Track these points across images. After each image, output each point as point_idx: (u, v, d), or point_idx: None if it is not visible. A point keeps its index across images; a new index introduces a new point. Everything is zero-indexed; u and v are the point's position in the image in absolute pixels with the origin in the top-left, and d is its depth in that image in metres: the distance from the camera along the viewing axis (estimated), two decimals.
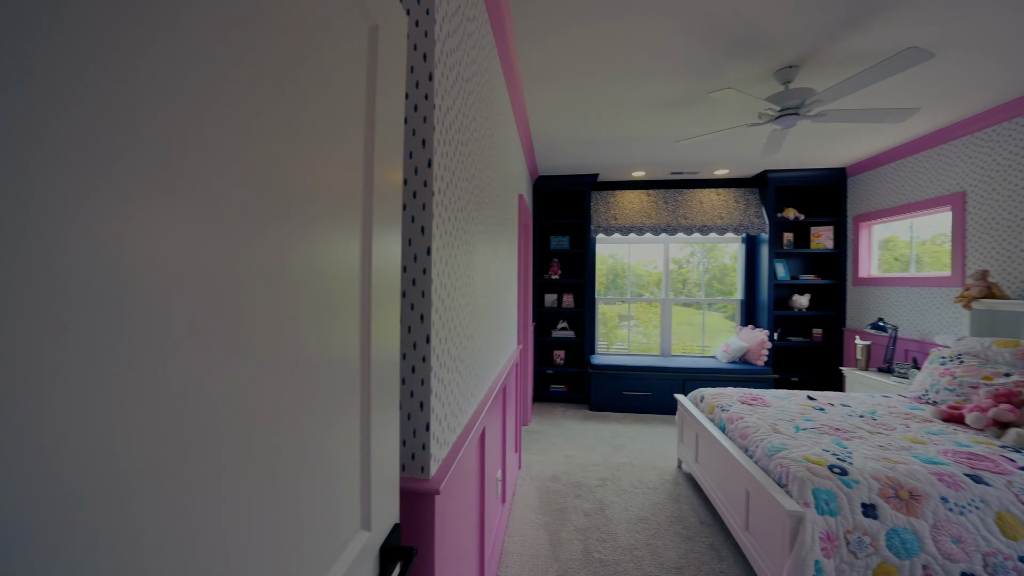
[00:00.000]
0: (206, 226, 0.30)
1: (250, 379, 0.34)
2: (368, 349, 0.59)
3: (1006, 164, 2.59)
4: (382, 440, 0.64)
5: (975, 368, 2.28)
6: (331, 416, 0.49)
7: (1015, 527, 1.44)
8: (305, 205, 0.43)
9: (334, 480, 0.49)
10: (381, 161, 0.62)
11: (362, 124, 0.58)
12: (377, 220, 0.61)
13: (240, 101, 0.33)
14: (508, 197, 2.31)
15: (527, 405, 3.61)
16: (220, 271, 0.31)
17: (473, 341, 1.34)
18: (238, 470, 0.33)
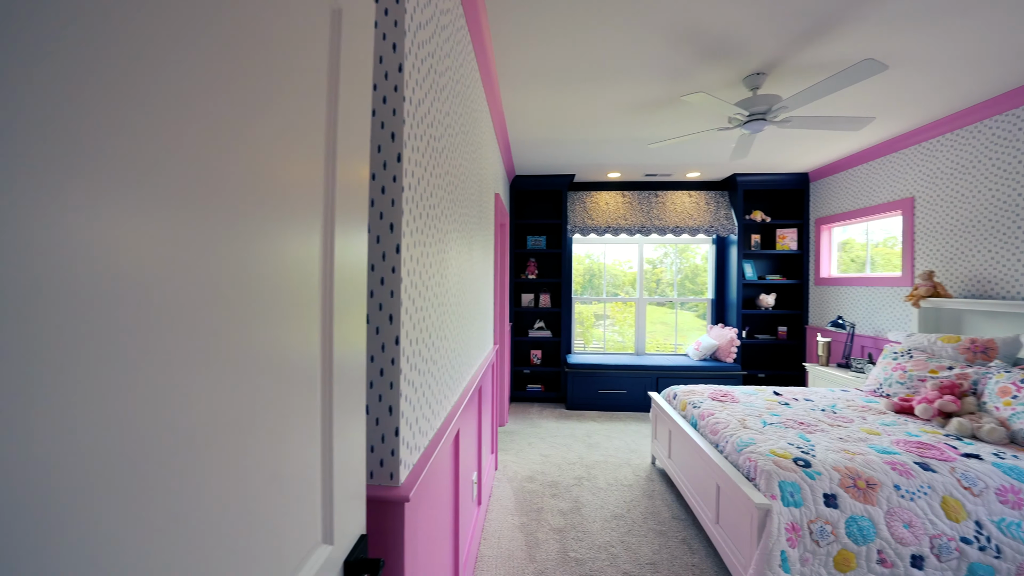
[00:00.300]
0: (137, 219, 0.26)
1: (183, 385, 0.31)
2: (330, 352, 0.56)
3: (950, 172, 2.78)
4: (346, 447, 0.61)
5: (923, 362, 2.43)
6: (285, 424, 0.45)
7: (957, 510, 1.53)
8: (255, 198, 0.40)
9: (288, 493, 0.46)
10: (346, 154, 0.58)
11: (323, 115, 0.54)
12: (341, 216, 0.58)
13: (183, 85, 0.30)
14: (484, 195, 2.28)
15: (504, 405, 3.60)
16: (150, 266, 0.28)
17: (447, 342, 1.31)
18: (167, 488, 0.30)
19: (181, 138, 0.30)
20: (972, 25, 1.78)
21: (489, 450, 2.52)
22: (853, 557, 1.49)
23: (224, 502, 0.35)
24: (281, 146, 0.44)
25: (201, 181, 0.33)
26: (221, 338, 0.35)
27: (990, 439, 1.86)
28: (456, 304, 1.48)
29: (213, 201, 0.34)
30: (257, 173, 0.40)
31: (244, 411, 0.38)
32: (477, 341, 2.04)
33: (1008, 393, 1.96)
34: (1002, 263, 2.48)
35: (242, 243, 0.38)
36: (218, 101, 0.34)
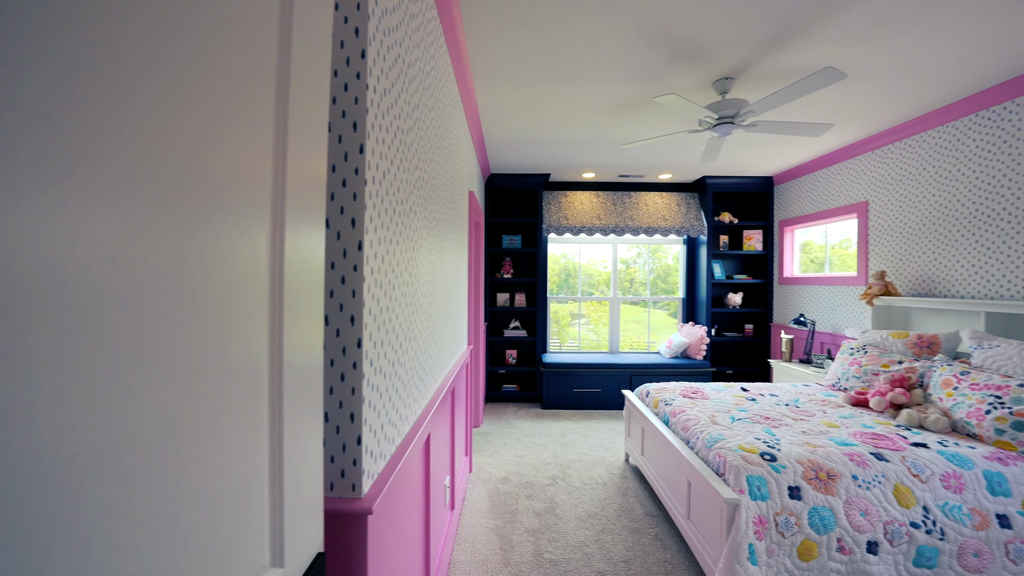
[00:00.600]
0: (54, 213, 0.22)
1: (95, 390, 0.26)
2: (280, 356, 0.51)
3: (900, 177, 2.95)
4: (300, 458, 0.56)
5: (876, 357, 2.57)
6: (223, 433, 0.40)
7: (907, 496, 1.61)
8: (189, 190, 0.35)
9: (225, 511, 0.41)
10: (299, 143, 0.54)
11: (271, 99, 0.49)
12: (293, 210, 0.53)
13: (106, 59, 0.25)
14: (458, 193, 2.24)
15: (479, 406, 3.56)
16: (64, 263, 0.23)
17: (416, 343, 1.26)
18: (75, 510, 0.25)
19: (100, 123, 0.26)
20: (920, 40, 1.88)
21: (463, 452, 2.48)
22: (815, 546, 1.54)
23: (137, 523, 0.30)
24: (221, 131, 0.39)
25: (126, 170, 0.28)
26: (144, 338, 0.30)
27: (935, 428, 1.98)
28: (427, 304, 1.43)
29: (139, 193, 0.29)
30: (191, 162, 0.35)
31: (169, 419, 0.33)
32: (450, 342, 2.00)
33: (950, 385, 2.09)
34: (945, 264, 2.65)
35: (168, 238, 0.33)
36: (147, 82, 0.29)
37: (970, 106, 2.48)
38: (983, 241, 2.46)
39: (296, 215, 0.54)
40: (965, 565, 1.57)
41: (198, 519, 0.37)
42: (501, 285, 4.51)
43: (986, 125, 2.45)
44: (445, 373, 1.85)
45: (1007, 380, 1.92)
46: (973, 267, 2.50)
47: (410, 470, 1.16)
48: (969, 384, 2.01)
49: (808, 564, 1.54)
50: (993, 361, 2.07)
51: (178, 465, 0.35)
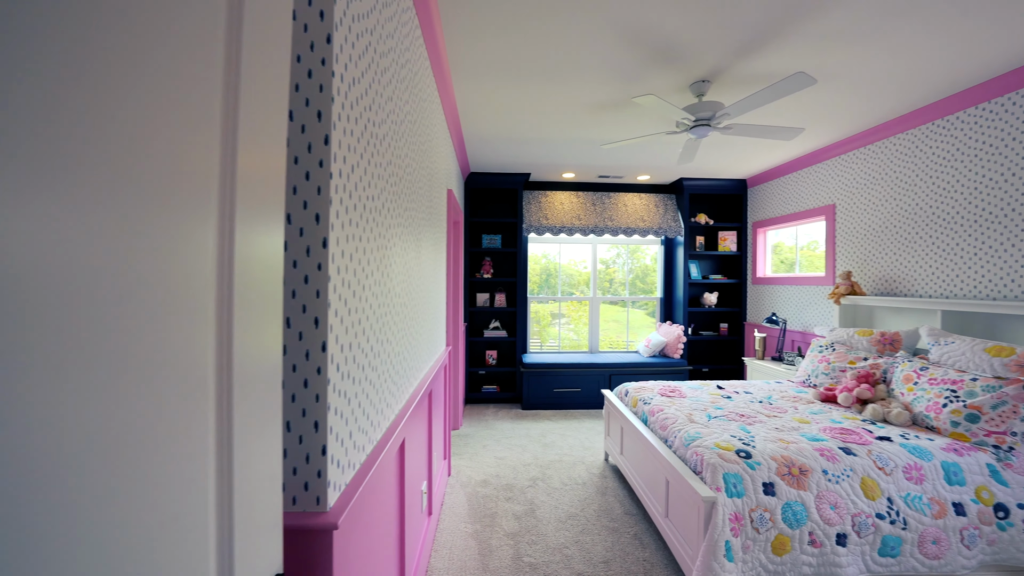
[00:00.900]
0: None
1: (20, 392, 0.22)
2: (228, 361, 0.47)
3: (865, 181, 3.07)
4: (253, 472, 0.51)
5: (843, 354, 2.66)
6: (156, 451, 0.36)
7: (873, 488, 1.67)
8: (121, 182, 0.30)
9: (159, 535, 0.36)
10: (251, 131, 0.49)
11: (219, 84, 0.45)
12: (244, 203, 0.49)
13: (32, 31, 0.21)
14: (435, 190, 2.19)
15: (458, 408, 3.51)
16: None
17: (389, 346, 1.22)
18: None
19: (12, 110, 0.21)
20: (885, 48, 1.96)
21: (441, 456, 2.43)
22: (788, 541, 1.58)
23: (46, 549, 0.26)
24: (156, 117, 0.35)
25: (51, 159, 0.23)
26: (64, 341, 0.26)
27: (897, 422, 2.06)
28: (401, 305, 1.39)
29: (60, 184, 0.25)
30: (121, 151, 0.31)
31: (90, 429, 0.29)
32: (427, 343, 1.95)
33: (911, 380, 2.18)
34: (905, 265, 2.78)
35: (94, 233, 0.29)
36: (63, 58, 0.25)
37: (927, 115, 2.60)
38: (939, 243, 2.58)
39: (249, 209, 0.49)
40: (925, 552, 1.63)
41: (124, 542, 0.33)
42: (481, 285, 4.47)
43: (941, 134, 2.57)
44: (421, 376, 1.80)
45: (961, 375, 2.02)
46: (930, 268, 2.63)
47: (383, 478, 1.12)
48: (928, 379, 2.10)
49: (781, 558, 1.57)
50: (949, 357, 2.17)
51: (97, 482, 0.30)
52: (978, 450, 1.80)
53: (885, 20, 1.75)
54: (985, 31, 1.83)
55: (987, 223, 2.36)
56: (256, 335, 0.51)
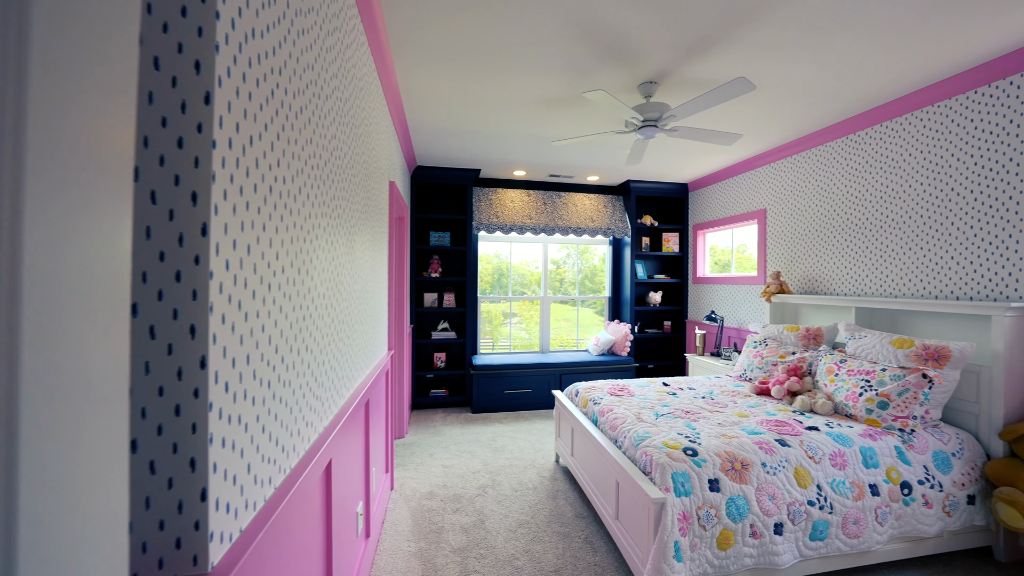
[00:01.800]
0: None
1: None
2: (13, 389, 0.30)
3: (792, 188, 3.31)
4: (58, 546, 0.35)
5: (775, 349, 2.84)
6: None
7: (804, 477, 1.75)
8: None
9: None
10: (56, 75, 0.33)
11: None
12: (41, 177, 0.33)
13: None
14: (374, 181, 2.00)
15: (403, 416, 3.30)
16: None
17: (310, 355, 1.04)
18: None
19: None
20: (814, 62, 2.08)
21: (383, 469, 2.24)
22: (732, 535, 1.60)
23: None
24: None
25: None
26: None
27: (822, 412, 2.21)
28: (327, 307, 1.21)
29: None
30: None
31: None
32: (364, 349, 1.77)
33: (832, 372, 2.35)
34: (825, 265, 3.03)
35: None
36: None
37: (843, 129, 2.85)
38: (852, 247, 2.83)
39: (52, 185, 0.33)
40: (847, 532, 1.73)
41: None
42: (429, 285, 4.28)
43: (854, 147, 2.82)
44: (356, 385, 1.61)
45: (873, 366, 2.20)
46: (846, 269, 2.88)
47: (301, 509, 0.94)
48: (846, 371, 2.28)
49: (726, 553, 1.59)
50: (862, 349, 2.37)
51: None
52: (888, 434, 1.96)
53: (815, 36, 1.85)
54: (893, 55, 2.01)
55: (890, 229, 2.61)
56: (65, 351, 0.34)
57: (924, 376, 2.01)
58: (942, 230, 2.37)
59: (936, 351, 2.06)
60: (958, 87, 2.25)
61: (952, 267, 2.32)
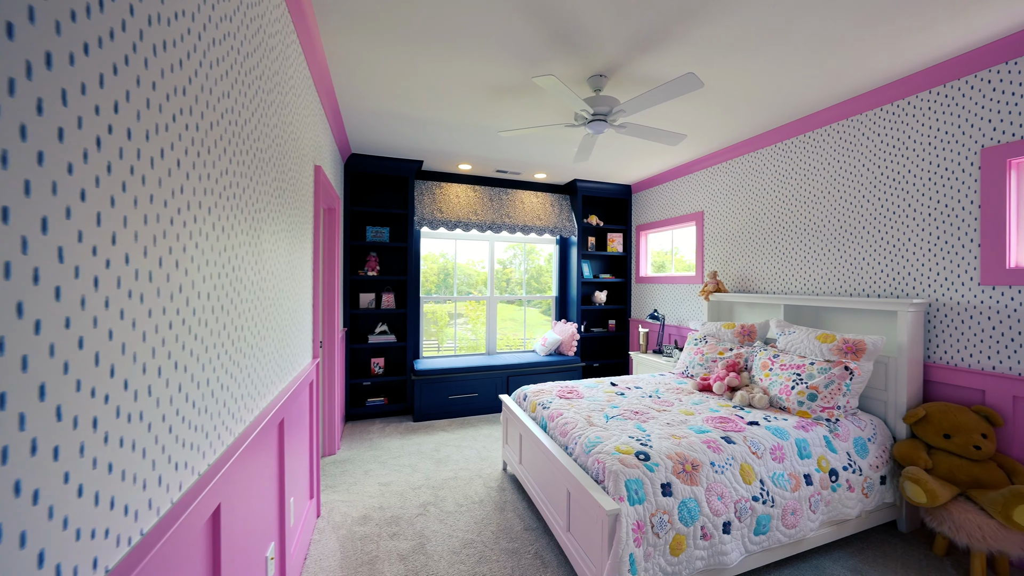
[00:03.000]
0: None
1: None
2: None
3: (726, 192, 3.47)
4: None
5: (714, 346, 2.93)
6: None
7: (749, 473, 1.77)
8: None
9: None
10: None
11: None
12: None
13: None
14: (293, 162, 1.71)
15: (334, 430, 2.96)
16: None
17: (184, 375, 0.79)
18: None
19: None
20: (755, 67, 2.14)
21: (306, 496, 1.94)
22: (684, 539, 1.56)
23: None
24: None
25: None
26: None
27: (760, 406, 2.29)
28: (218, 311, 0.95)
29: None
30: None
31: None
32: (275, 359, 1.48)
33: (767, 367, 2.46)
34: (756, 265, 3.20)
35: None
36: None
37: (774, 137, 3.02)
38: (781, 248, 3.02)
39: None
40: (786, 523, 1.78)
41: None
42: (365, 284, 3.93)
43: (781, 155, 3.01)
44: (265, 403, 1.33)
45: (802, 360, 2.33)
46: (775, 268, 3.06)
47: (178, 568, 0.69)
48: (779, 365, 2.39)
49: (678, 558, 1.54)
50: (792, 344, 2.50)
51: None
52: (817, 424, 2.06)
53: (758, 39, 1.89)
54: (820, 67, 2.12)
55: (812, 232, 2.81)
56: None
57: (846, 368, 2.14)
58: (855, 234, 2.57)
59: (854, 344, 2.22)
60: (869, 103, 2.46)
61: (864, 267, 2.53)
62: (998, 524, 1.74)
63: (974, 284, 2.07)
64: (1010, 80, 1.95)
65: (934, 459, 2.01)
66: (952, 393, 2.13)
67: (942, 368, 2.15)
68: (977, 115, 2.06)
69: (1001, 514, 1.71)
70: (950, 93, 2.15)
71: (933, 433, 2.03)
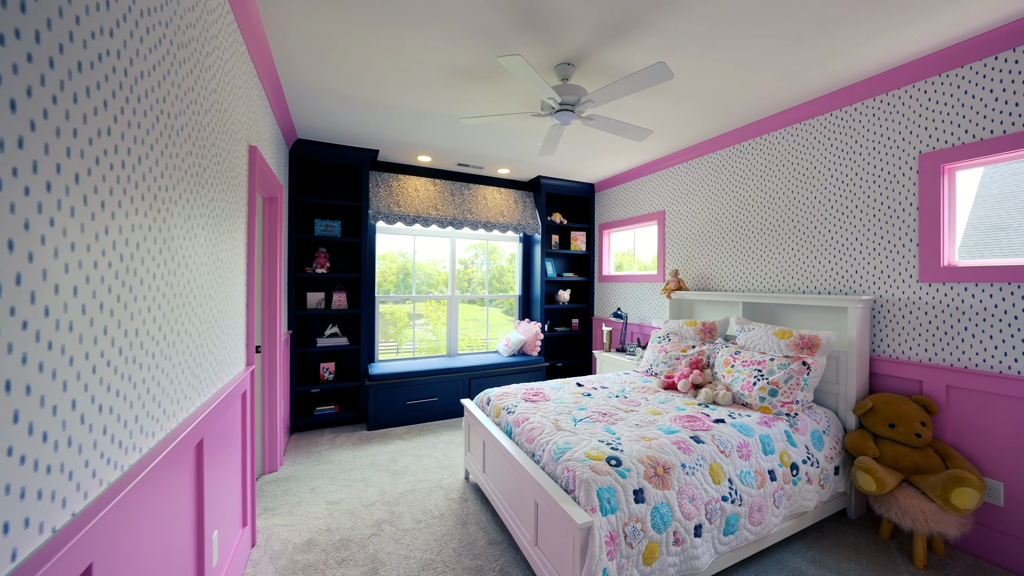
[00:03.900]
0: None
1: None
2: None
3: (688, 192, 3.52)
4: None
5: (677, 344, 2.94)
6: None
7: (718, 473, 1.74)
8: None
9: None
10: None
11: None
12: None
13: None
14: (219, 138, 1.46)
15: (275, 445, 2.66)
16: None
17: (34, 396, 0.57)
18: None
19: None
20: (719, 63, 2.13)
21: (237, 524, 1.68)
22: (657, 547, 1.49)
23: None
24: None
25: None
26: None
27: (724, 403, 2.30)
28: (103, 314, 0.73)
29: None
30: None
31: None
32: (194, 369, 1.24)
33: (729, 364, 2.48)
34: (716, 264, 3.26)
35: None
36: None
37: (733, 139, 3.09)
38: (739, 246, 3.09)
39: None
40: (752, 521, 1.77)
41: None
42: (314, 282, 3.61)
43: (741, 155, 3.08)
44: (178, 422, 1.10)
45: (763, 356, 2.36)
46: (733, 267, 3.13)
47: None
48: (741, 362, 2.41)
49: (651, 568, 1.47)
50: (751, 341, 2.55)
51: None
52: (778, 419, 2.09)
53: (727, 33, 1.87)
54: (779, 69, 2.16)
55: (768, 231, 2.89)
56: None
57: (804, 363, 2.19)
58: (808, 233, 2.67)
59: (809, 340, 2.28)
60: (821, 108, 2.55)
61: (816, 266, 2.63)
62: (938, 507, 1.83)
63: (913, 281, 2.18)
64: (943, 91, 2.07)
65: (880, 448, 2.10)
66: (894, 384, 2.24)
67: (885, 361, 2.26)
68: (916, 123, 2.18)
69: (941, 498, 1.80)
70: (892, 101, 2.27)
71: (879, 423, 2.12)
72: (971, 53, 1.96)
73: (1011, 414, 1.86)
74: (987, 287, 1.94)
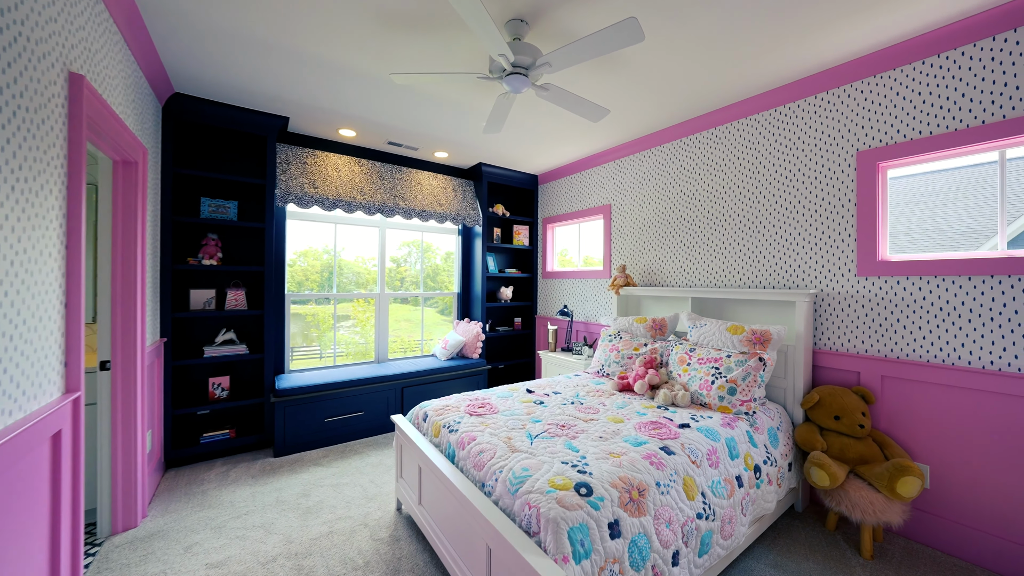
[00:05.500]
0: None
1: None
2: None
3: (634, 185, 3.42)
4: None
5: (629, 342, 2.79)
6: None
7: (692, 487, 1.55)
8: None
9: None
10: None
11: None
12: None
13: None
14: (10, 58, 0.90)
15: (134, 492, 2.00)
16: None
17: None
18: None
19: None
20: (679, 39, 1.96)
21: None
22: None
23: None
24: None
25: None
26: None
27: (683, 404, 2.16)
28: None
29: None
30: None
31: None
32: None
33: (684, 362, 2.36)
34: (663, 259, 3.19)
35: None
36: None
37: (680, 132, 3.02)
38: (686, 241, 3.04)
39: None
40: (724, 535, 1.61)
41: None
42: (201, 276, 2.89)
43: (687, 149, 3.03)
44: None
45: (718, 352, 2.27)
46: (681, 261, 3.07)
47: None
48: (697, 359, 2.30)
49: None
50: (704, 337, 2.46)
51: None
52: (739, 419, 1.99)
53: (692, 5, 1.69)
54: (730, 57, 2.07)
55: (715, 225, 2.86)
56: None
57: (760, 359, 2.12)
58: (753, 228, 2.66)
59: (761, 335, 2.23)
60: (766, 104, 2.55)
61: (761, 260, 2.62)
62: (884, 497, 1.83)
63: (852, 275, 2.23)
64: (878, 92, 2.13)
65: (827, 440, 2.09)
66: (835, 376, 2.27)
67: (827, 353, 2.29)
68: (854, 121, 2.22)
69: (887, 488, 1.80)
70: (832, 99, 2.30)
71: (825, 416, 2.12)
72: (905, 55, 2.02)
73: (937, 401, 1.94)
74: (917, 280, 2.01)
